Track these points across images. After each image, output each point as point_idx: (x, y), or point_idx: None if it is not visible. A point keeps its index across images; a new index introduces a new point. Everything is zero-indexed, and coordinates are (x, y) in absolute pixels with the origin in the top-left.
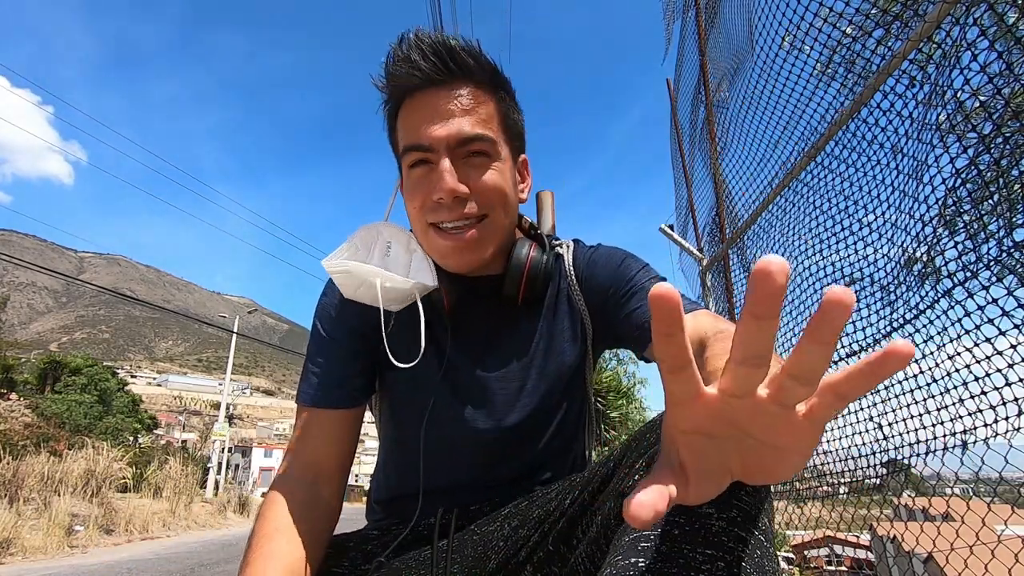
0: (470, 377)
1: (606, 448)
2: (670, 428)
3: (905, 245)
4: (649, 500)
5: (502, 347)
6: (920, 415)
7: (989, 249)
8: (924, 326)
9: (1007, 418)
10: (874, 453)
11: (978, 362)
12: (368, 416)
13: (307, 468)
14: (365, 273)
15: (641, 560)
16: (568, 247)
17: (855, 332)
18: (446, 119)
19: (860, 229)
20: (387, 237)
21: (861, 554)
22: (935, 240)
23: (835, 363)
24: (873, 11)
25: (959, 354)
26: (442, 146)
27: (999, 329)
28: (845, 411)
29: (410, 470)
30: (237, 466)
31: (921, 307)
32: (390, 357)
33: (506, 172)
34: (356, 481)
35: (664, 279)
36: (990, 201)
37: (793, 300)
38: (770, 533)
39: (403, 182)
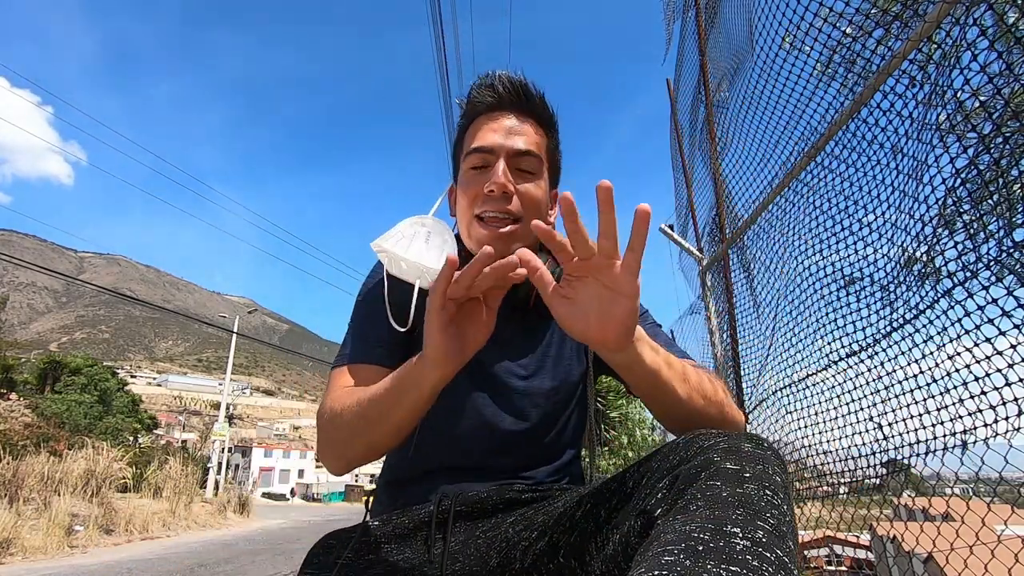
0: (483, 365)
1: (606, 448)
2: (564, 270)
3: (905, 245)
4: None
5: (515, 343)
6: (920, 415)
7: (989, 249)
8: (924, 326)
9: (1007, 418)
10: (874, 453)
11: (978, 362)
12: None
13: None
14: (402, 259)
15: (665, 573)
16: None
17: (855, 332)
18: (510, 134)
19: (860, 229)
20: (428, 228)
21: (861, 554)
22: (935, 240)
23: (835, 363)
24: (873, 11)
25: (959, 354)
26: (503, 152)
27: (999, 329)
28: (845, 411)
29: (418, 452)
30: (237, 466)
31: (921, 307)
32: (390, 319)
33: (544, 191)
34: (356, 480)
35: (659, 326)
36: (990, 201)
37: (793, 300)
38: (794, 555)
39: (458, 181)
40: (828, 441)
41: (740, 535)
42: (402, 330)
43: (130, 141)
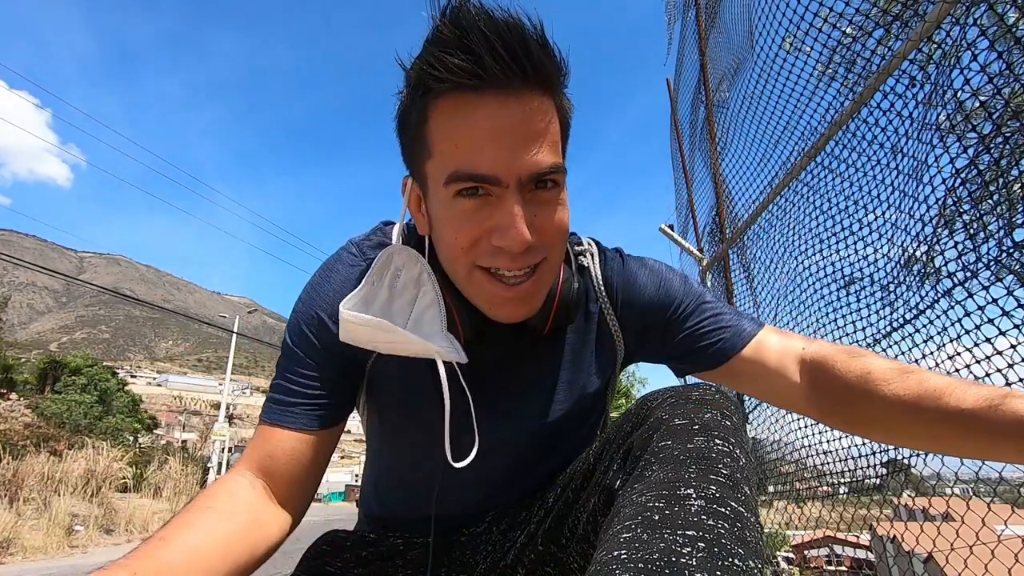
0: (483, 419)
1: None
2: None
3: (905, 245)
4: None
5: (520, 385)
6: None
7: (989, 249)
8: (924, 326)
9: None
10: (874, 453)
11: (978, 362)
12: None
13: (259, 486)
14: (376, 338)
15: (623, 552)
16: (593, 256)
17: (855, 332)
18: (518, 145)
19: (860, 229)
20: (398, 264)
21: (861, 554)
22: (935, 240)
23: None
24: (873, 11)
25: (959, 354)
26: (514, 181)
27: (999, 329)
28: None
29: (410, 499)
30: None
31: (921, 307)
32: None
33: (567, 202)
34: (356, 481)
35: (706, 290)
36: (990, 201)
37: (793, 300)
38: (751, 500)
39: (428, 196)
40: (828, 441)
41: (694, 495)
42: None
43: (129, 140)
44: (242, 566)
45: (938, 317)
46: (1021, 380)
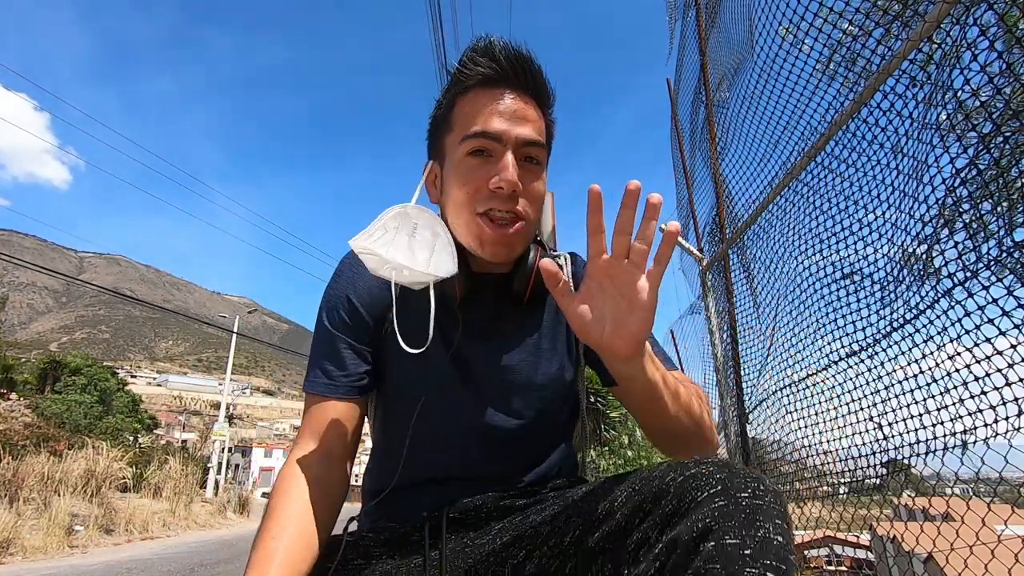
0: (474, 370)
1: (606, 448)
2: (585, 274)
3: (905, 245)
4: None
5: (506, 343)
6: (920, 415)
7: (989, 249)
8: (924, 326)
9: (1007, 418)
10: (874, 453)
11: (978, 362)
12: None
13: (320, 452)
14: (388, 262)
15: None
16: (567, 260)
17: (855, 332)
18: (517, 120)
19: (860, 229)
20: (414, 219)
21: (861, 554)
22: (935, 240)
23: (835, 363)
24: (873, 10)
25: (959, 354)
26: (511, 141)
27: (999, 329)
28: (845, 411)
29: (407, 462)
30: (237, 466)
31: (921, 307)
32: (400, 341)
33: (545, 183)
34: (355, 481)
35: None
36: (990, 201)
37: (793, 300)
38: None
39: (444, 166)
40: (828, 441)
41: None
42: (415, 351)
43: (128, 140)
44: (334, 520)
45: (938, 317)
46: (1021, 380)
